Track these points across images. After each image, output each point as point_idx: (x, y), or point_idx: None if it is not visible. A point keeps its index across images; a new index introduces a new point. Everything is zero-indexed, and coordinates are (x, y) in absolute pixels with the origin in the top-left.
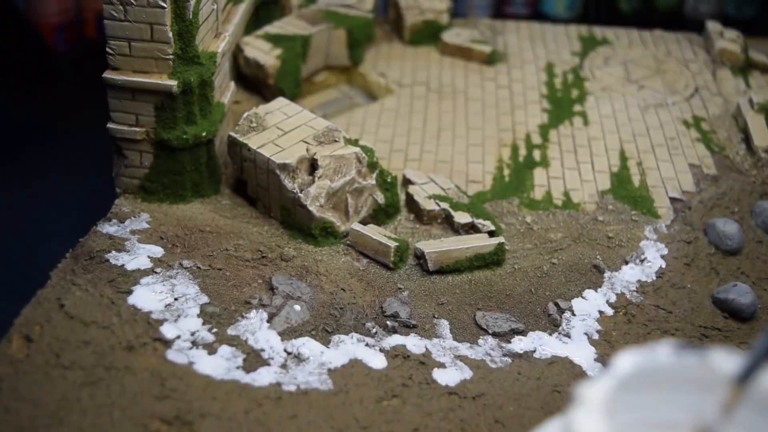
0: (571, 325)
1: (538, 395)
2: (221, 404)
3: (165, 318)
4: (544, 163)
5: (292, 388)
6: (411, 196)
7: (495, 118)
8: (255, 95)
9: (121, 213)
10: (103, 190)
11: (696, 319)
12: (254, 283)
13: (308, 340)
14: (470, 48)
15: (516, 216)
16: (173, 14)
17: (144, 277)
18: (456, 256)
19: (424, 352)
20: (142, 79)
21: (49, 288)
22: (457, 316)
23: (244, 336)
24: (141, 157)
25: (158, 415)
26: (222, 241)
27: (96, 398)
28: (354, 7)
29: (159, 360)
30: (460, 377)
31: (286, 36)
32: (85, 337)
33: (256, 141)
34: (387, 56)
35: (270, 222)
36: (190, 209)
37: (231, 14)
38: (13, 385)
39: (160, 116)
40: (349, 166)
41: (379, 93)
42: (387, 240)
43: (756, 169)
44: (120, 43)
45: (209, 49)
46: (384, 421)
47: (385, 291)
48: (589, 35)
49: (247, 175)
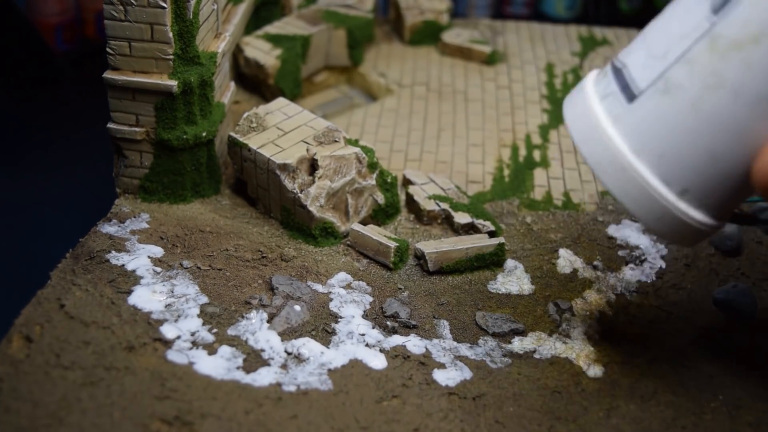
0: (571, 325)
1: (538, 395)
2: (221, 404)
3: (165, 318)
4: (544, 164)
5: (292, 388)
6: (411, 197)
7: (495, 118)
8: (255, 95)
9: (121, 213)
10: (103, 190)
11: (696, 319)
12: (254, 284)
13: (308, 341)
14: (470, 48)
15: (516, 216)
16: (173, 14)
17: (144, 277)
18: (456, 257)
19: (424, 352)
20: (143, 79)
21: (49, 288)
22: (457, 316)
23: (244, 336)
24: (141, 157)
25: (158, 415)
26: (222, 242)
27: (96, 398)
28: (354, 7)
29: (159, 360)
30: (460, 377)
31: (286, 36)
32: (85, 337)
33: (256, 141)
34: (387, 56)
35: (270, 222)
36: (190, 209)
37: (231, 14)
38: (13, 385)
39: (160, 116)
40: (349, 167)
41: (379, 93)
42: (387, 240)
43: None
44: (120, 43)
45: (209, 49)
46: (384, 421)
47: (385, 291)
48: (589, 35)
49: (247, 176)
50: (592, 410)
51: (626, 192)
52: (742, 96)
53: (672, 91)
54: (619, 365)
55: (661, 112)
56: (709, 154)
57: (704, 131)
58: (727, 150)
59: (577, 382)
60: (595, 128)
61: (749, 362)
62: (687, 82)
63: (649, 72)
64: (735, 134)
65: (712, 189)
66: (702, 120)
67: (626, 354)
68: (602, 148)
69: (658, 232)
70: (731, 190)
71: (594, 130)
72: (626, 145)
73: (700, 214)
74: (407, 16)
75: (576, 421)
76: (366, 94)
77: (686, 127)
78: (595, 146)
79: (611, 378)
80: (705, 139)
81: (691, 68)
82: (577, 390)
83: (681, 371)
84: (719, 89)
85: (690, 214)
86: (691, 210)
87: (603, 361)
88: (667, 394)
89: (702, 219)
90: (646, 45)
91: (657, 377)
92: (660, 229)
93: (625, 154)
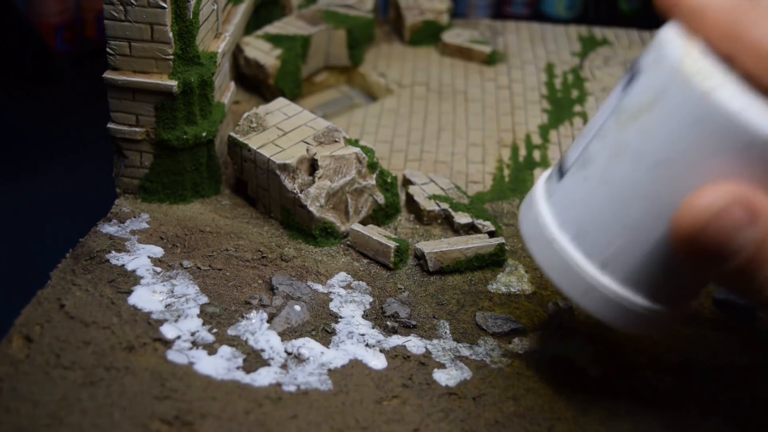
0: (571, 325)
1: (538, 395)
2: (221, 404)
3: (165, 318)
4: (544, 164)
5: (292, 388)
6: (411, 197)
7: (495, 118)
8: (255, 95)
9: (121, 213)
10: (103, 190)
11: (696, 319)
12: (254, 284)
13: (308, 341)
14: (470, 48)
15: (516, 216)
16: (173, 14)
17: (144, 277)
18: (456, 257)
19: (424, 352)
20: (143, 79)
21: (49, 288)
22: (457, 316)
23: (244, 336)
24: (141, 157)
25: (158, 415)
26: (222, 242)
27: (96, 398)
28: (354, 7)
29: (159, 360)
30: (460, 377)
31: (286, 36)
32: (85, 337)
33: (256, 141)
34: (387, 56)
35: (270, 222)
36: (190, 209)
37: (231, 14)
38: (13, 385)
39: (160, 116)
40: (349, 167)
41: (379, 93)
42: (387, 240)
43: None
44: (120, 43)
45: (209, 49)
46: (384, 421)
47: (385, 291)
48: (589, 35)
49: (247, 176)
50: (592, 410)
51: (552, 266)
52: (640, 162)
53: (587, 165)
54: (619, 365)
55: (578, 185)
56: (620, 223)
57: (612, 201)
58: (636, 219)
59: (577, 382)
60: (531, 205)
61: (749, 362)
62: (598, 155)
63: (576, 150)
64: (640, 201)
65: (633, 262)
66: (609, 189)
67: (626, 354)
68: (534, 223)
69: (592, 311)
70: (657, 265)
71: (530, 207)
72: (553, 219)
73: (628, 292)
74: (407, 16)
75: (576, 421)
76: (366, 94)
77: (597, 198)
78: (529, 223)
79: (611, 378)
80: (614, 208)
81: (602, 141)
82: (577, 390)
83: (681, 371)
84: (621, 157)
85: (615, 291)
86: (615, 285)
87: (603, 362)
88: (667, 395)
89: (632, 298)
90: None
91: (657, 377)
92: (592, 307)
93: (551, 228)
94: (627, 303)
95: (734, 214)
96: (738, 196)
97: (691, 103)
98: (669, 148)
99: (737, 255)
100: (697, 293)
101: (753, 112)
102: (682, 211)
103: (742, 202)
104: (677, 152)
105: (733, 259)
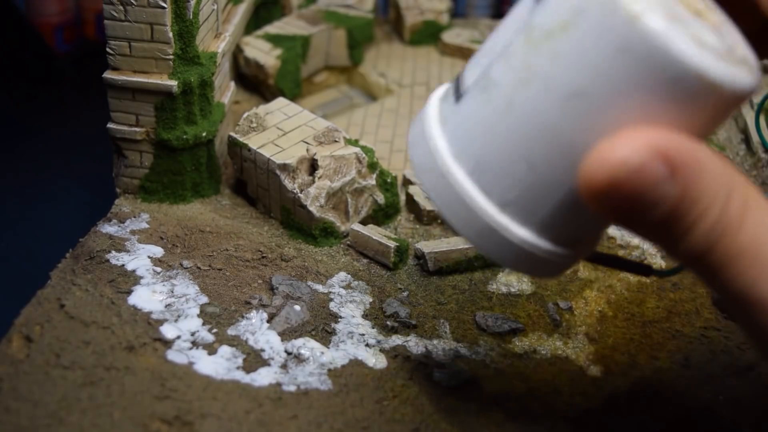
0: (571, 325)
1: (538, 395)
2: (221, 404)
3: (165, 318)
4: None
5: (292, 388)
6: (411, 197)
7: None
8: (255, 95)
9: (121, 213)
10: (103, 190)
11: (696, 319)
12: (254, 284)
13: (308, 341)
14: (470, 48)
15: None
16: (173, 14)
17: (144, 277)
18: (456, 256)
19: (424, 352)
20: (142, 79)
21: (49, 288)
22: (457, 316)
23: (244, 336)
24: (141, 157)
25: (158, 415)
26: (222, 242)
27: (96, 398)
28: (354, 7)
29: (159, 360)
30: (460, 377)
31: (286, 36)
32: (85, 337)
33: (256, 141)
34: (387, 56)
35: (270, 222)
36: (190, 209)
37: (231, 14)
38: (13, 385)
39: (160, 116)
40: (349, 167)
41: (379, 93)
42: (387, 240)
43: (756, 170)
44: (120, 43)
45: (209, 49)
46: (384, 421)
47: (385, 291)
48: None
49: (247, 176)
50: (592, 410)
51: (446, 202)
52: (551, 91)
53: (490, 88)
54: (619, 365)
55: (478, 112)
56: (526, 161)
57: (518, 134)
58: (544, 156)
59: (577, 382)
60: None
61: (749, 362)
62: (503, 79)
63: (476, 69)
64: (550, 138)
65: (538, 204)
66: (515, 121)
67: (626, 354)
68: (425, 151)
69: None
70: (564, 208)
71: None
72: (448, 148)
73: (530, 234)
74: (407, 16)
75: (576, 421)
76: (366, 94)
77: (501, 130)
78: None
79: (611, 378)
80: (520, 143)
81: (508, 63)
82: (577, 390)
83: (681, 372)
84: (530, 84)
85: (515, 232)
86: (515, 227)
87: (603, 361)
88: (667, 395)
89: (534, 241)
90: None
91: (657, 378)
92: (487, 248)
93: (445, 158)
94: (528, 246)
95: (653, 170)
96: (657, 148)
97: (614, 28)
98: (585, 79)
99: (653, 210)
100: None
101: (684, 41)
102: (594, 162)
103: (661, 155)
104: (594, 84)
105: (649, 214)
